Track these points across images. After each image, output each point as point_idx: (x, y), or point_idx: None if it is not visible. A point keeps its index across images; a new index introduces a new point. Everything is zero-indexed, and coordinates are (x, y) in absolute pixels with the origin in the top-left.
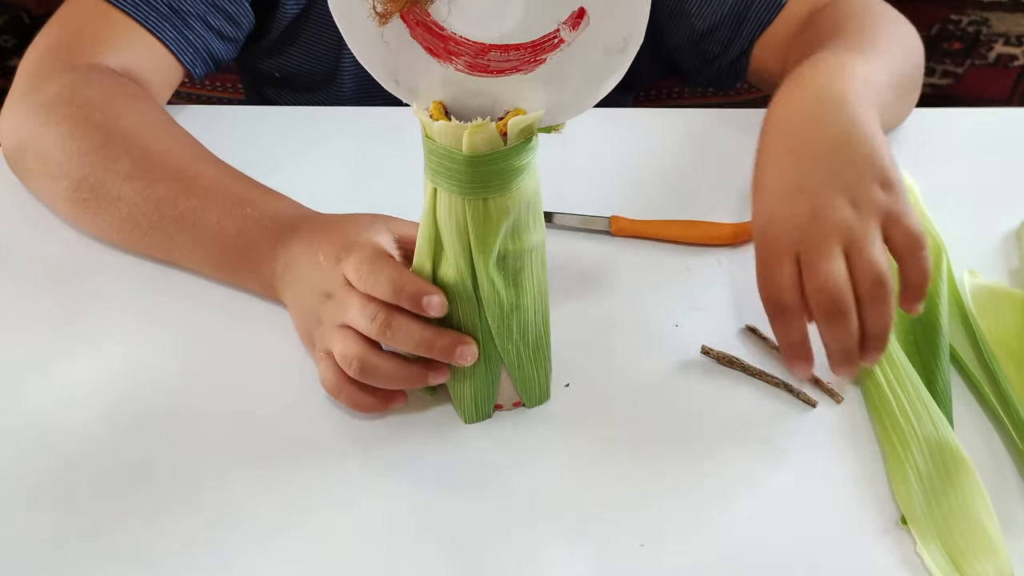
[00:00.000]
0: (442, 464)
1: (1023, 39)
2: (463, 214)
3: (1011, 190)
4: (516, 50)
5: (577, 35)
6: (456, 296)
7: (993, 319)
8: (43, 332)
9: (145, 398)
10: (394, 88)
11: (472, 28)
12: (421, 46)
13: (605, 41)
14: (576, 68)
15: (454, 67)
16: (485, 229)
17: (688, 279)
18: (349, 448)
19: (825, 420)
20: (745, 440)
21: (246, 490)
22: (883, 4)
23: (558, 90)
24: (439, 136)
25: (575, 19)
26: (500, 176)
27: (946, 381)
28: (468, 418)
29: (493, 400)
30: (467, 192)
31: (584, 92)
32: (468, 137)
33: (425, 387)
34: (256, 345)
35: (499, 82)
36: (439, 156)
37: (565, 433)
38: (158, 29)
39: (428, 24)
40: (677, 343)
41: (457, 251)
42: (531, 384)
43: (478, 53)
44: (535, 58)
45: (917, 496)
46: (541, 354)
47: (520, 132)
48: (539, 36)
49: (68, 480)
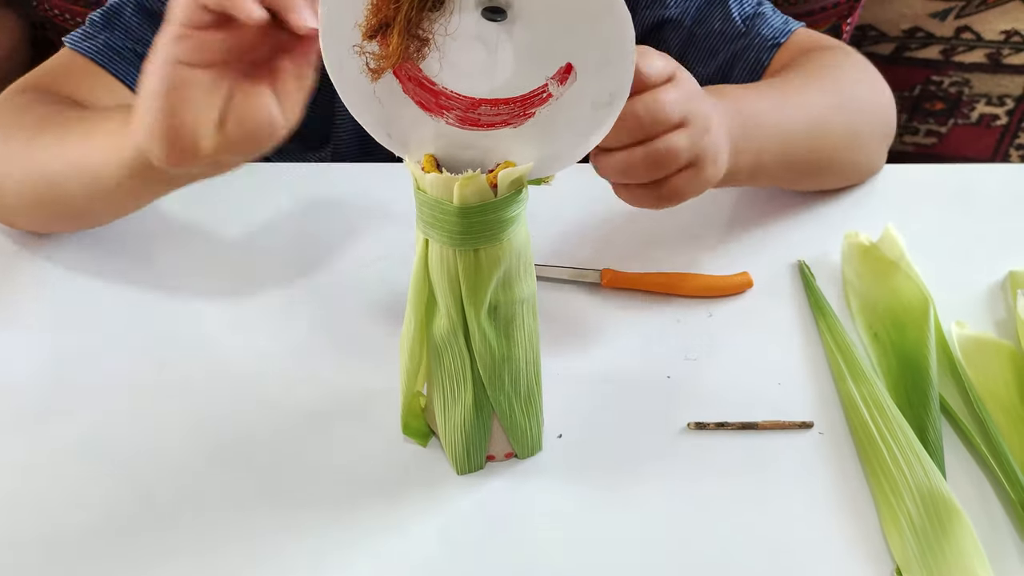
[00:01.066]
0: (436, 516)
1: (1005, 99)
2: (454, 265)
3: (996, 243)
4: (506, 104)
5: (565, 90)
6: (447, 347)
7: (981, 369)
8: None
9: (128, 458)
10: (387, 141)
11: (463, 83)
12: (413, 101)
13: (592, 96)
14: (565, 122)
15: (445, 121)
16: (476, 280)
17: (679, 331)
18: (342, 500)
19: (818, 469)
20: (737, 491)
21: (234, 558)
22: (854, 58)
23: (547, 143)
24: (430, 188)
25: (563, 74)
26: (491, 227)
27: (937, 431)
28: (461, 469)
29: (485, 451)
30: (458, 243)
31: (573, 145)
32: (459, 189)
33: (417, 436)
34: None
35: (490, 135)
36: (430, 208)
37: (558, 483)
38: (122, 73)
39: (420, 79)
40: (669, 394)
41: (449, 302)
42: (523, 435)
43: (469, 107)
44: (524, 112)
45: (911, 546)
46: (533, 405)
47: (510, 184)
48: (528, 91)
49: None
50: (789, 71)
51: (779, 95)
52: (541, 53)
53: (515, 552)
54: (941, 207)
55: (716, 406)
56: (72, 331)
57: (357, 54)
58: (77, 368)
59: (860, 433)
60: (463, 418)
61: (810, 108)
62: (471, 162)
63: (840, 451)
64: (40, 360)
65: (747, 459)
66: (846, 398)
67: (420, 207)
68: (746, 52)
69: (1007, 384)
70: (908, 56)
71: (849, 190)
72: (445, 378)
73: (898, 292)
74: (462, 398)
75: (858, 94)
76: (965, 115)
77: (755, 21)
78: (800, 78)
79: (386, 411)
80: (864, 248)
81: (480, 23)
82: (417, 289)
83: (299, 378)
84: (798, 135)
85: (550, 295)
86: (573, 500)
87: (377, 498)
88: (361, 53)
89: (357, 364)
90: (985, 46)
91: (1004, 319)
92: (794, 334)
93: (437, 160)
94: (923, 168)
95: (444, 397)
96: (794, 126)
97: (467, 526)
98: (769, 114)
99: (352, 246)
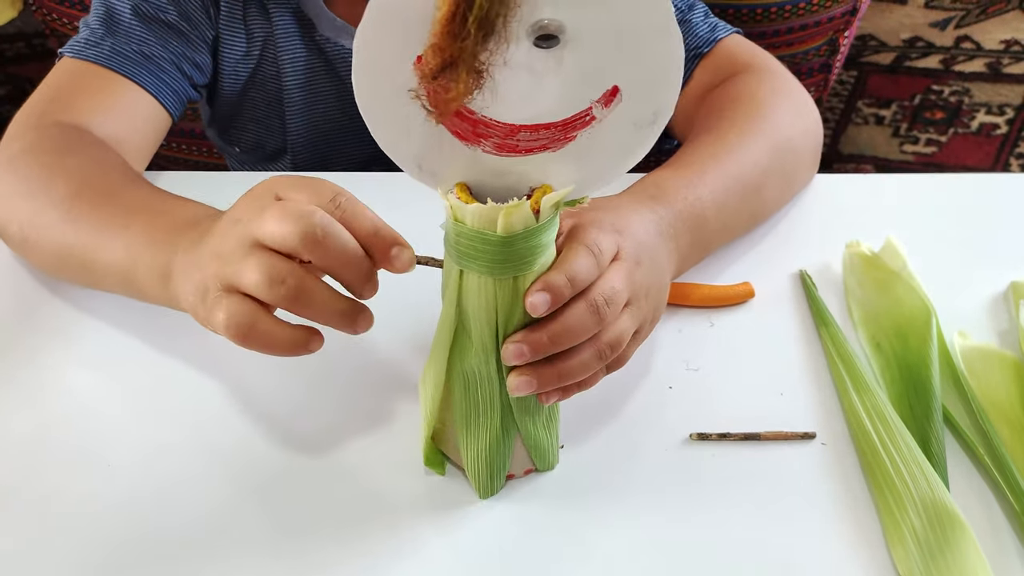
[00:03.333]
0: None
1: (1005, 108)
2: (493, 294)
3: (998, 253)
4: (547, 129)
5: (609, 112)
6: (476, 375)
7: (984, 380)
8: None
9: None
10: (416, 174)
11: (504, 110)
12: (449, 131)
13: (636, 116)
14: (605, 143)
15: (482, 149)
16: (512, 306)
17: (680, 341)
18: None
19: (821, 481)
20: (740, 503)
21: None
22: (776, 83)
23: (586, 165)
24: (472, 219)
25: (608, 97)
26: (532, 253)
27: (940, 442)
28: (484, 493)
29: (506, 472)
30: (498, 272)
31: (611, 165)
32: (504, 218)
33: (435, 465)
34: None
35: (527, 160)
36: (470, 239)
37: (560, 495)
38: (136, 75)
39: (459, 110)
40: (671, 405)
41: (484, 332)
42: (544, 451)
43: (508, 134)
44: (565, 136)
45: (915, 558)
46: (553, 420)
47: (551, 208)
48: (571, 115)
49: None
50: (720, 121)
51: (716, 167)
52: (589, 77)
53: (518, 566)
54: (943, 217)
55: (718, 417)
56: (77, 361)
57: (412, 97)
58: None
59: (863, 444)
60: (488, 443)
61: (747, 172)
62: (504, 188)
63: (843, 462)
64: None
65: (750, 470)
66: (848, 409)
67: (458, 239)
68: None
69: (1010, 394)
70: (908, 65)
71: (851, 200)
72: (471, 406)
73: (900, 302)
74: (488, 424)
75: (789, 134)
76: (965, 124)
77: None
78: (735, 135)
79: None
80: (866, 258)
81: (530, 51)
82: (449, 321)
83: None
84: (737, 204)
85: None
86: (575, 511)
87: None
88: (416, 96)
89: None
90: (985, 55)
91: (1006, 329)
92: (796, 344)
93: (468, 188)
94: (924, 178)
95: (469, 424)
96: (733, 199)
97: (473, 547)
98: (710, 198)
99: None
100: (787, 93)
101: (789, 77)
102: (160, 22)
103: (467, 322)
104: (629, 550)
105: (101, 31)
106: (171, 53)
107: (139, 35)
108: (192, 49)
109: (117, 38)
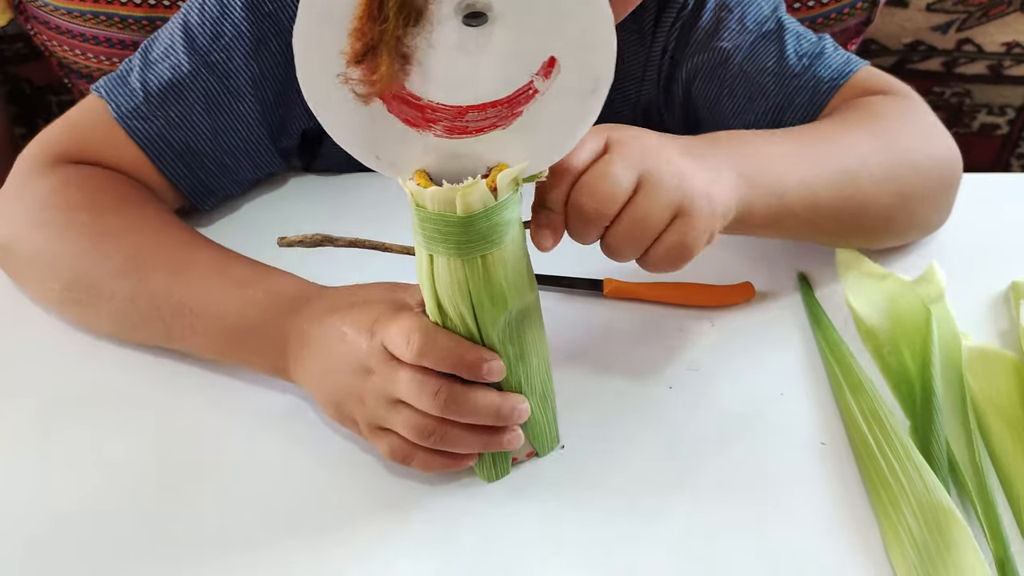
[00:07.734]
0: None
1: (1006, 109)
2: (463, 275)
3: (999, 253)
4: (493, 107)
5: (550, 83)
6: None
7: (985, 380)
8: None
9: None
10: (375, 164)
11: (447, 93)
12: (399, 119)
13: (577, 85)
14: (553, 115)
15: (433, 134)
16: (487, 285)
17: (681, 340)
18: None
19: (820, 481)
20: (738, 503)
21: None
22: (910, 105)
23: (537, 139)
24: (431, 202)
25: (547, 68)
26: (495, 231)
27: (941, 443)
28: (489, 477)
29: (510, 456)
30: (465, 253)
31: (562, 136)
32: (461, 198)
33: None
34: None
35: (479, 140)
36: (433, 222)
37: (559, 495)
38: (167, 168)
39: (404, 97)
40: (671, 405)
41: (463, 312)
42: (542, 432)
43: (456, 116)
44: (512, 112)
45: (912, 560)
46: (548, 401)
47: (508, 184)
48: (514, 90)
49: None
50: (830, 117)
51: (797, 139)
52: (523, 50)
53: (511, 565)
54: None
55: (718, 417)
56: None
57: (341, 82)
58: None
59: (860, 446)
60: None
61: (842, 154)
62: (462, 170)
63: (842, 462)
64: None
65: (748, 470)
66: (845, 411)
67: (421, 224)
68: (799, 93)
69: (1011, 395)
70: (910, 68)
71: None
72: None
73: (898, 302)
74: None
75: (905, 144)
76: (966, 124)
77: (813, 61)
78: (837, 124)
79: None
80: (864, 258)
81: (460, 31)
82: (429, 307)
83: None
84: (826, 181)
85: (553, 305)
86: (573, 512)
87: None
88: (346, 81)
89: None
90: (986, 58)
91: (1007, 330)
92: (797, 343)
93: (429, 174)
94: None
95: None
96: (819, 171)
97: (465, 541)
98: (785, 157)
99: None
100: (921, 116)
101: (924, 105)
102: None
103: (446, 306)
104: (628, 549)
105: (157, 101)
106: (217, 146)
107: (199, 118)
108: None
109: (169, 113)
